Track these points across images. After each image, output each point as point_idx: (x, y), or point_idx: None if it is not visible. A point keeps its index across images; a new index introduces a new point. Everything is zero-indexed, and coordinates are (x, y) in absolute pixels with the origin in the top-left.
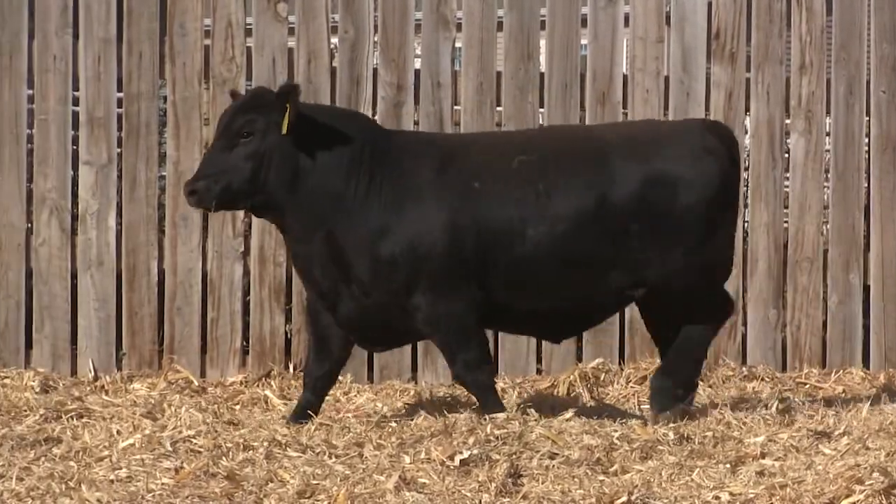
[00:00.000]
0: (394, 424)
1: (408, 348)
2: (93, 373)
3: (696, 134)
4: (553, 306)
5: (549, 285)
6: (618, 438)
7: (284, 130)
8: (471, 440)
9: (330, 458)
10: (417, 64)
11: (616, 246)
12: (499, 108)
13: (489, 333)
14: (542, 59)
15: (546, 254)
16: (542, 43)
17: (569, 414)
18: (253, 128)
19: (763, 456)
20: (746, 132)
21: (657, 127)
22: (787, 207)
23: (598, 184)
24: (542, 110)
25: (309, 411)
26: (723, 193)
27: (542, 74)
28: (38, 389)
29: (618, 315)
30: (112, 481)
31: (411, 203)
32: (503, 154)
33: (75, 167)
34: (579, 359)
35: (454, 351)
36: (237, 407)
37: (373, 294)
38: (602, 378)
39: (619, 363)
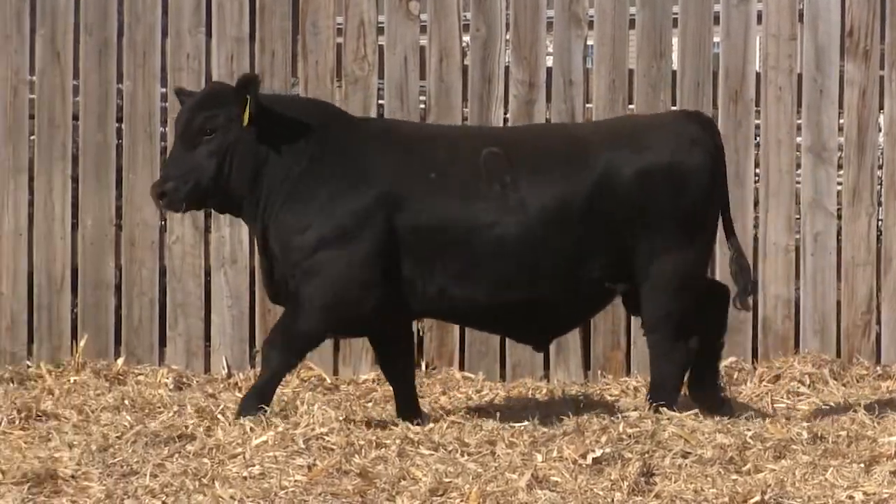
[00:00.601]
0: (525, 422)
1: None
2: (226, 370)
3: (680, 124)
4: (511, 301)
5: (506, 279)
6: (751, 437)
7: (245, 122)
8: (603, 439)
9: (462, 455)
10: (549, 62)
11: (592, 239)
12: (631, 106)
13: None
14: (675, 56)
15: (504, 248)
16: (675, 40)
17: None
18: (215, 124)
19: None
20: (880, 130)
21: (639, 120)
22: None
23: (566, 177)
24: (674, 108)
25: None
26: (709, 186)
27: (674, 72)
28: (171, 386)
29: (751, 314)
30: (245, 478)
31: (337, 186)
32: (471, 146)
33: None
34: None
35: (291, 319)
36: (370, 404)
37: (285, 271)
38: (735, 377)
39: (753, 362)
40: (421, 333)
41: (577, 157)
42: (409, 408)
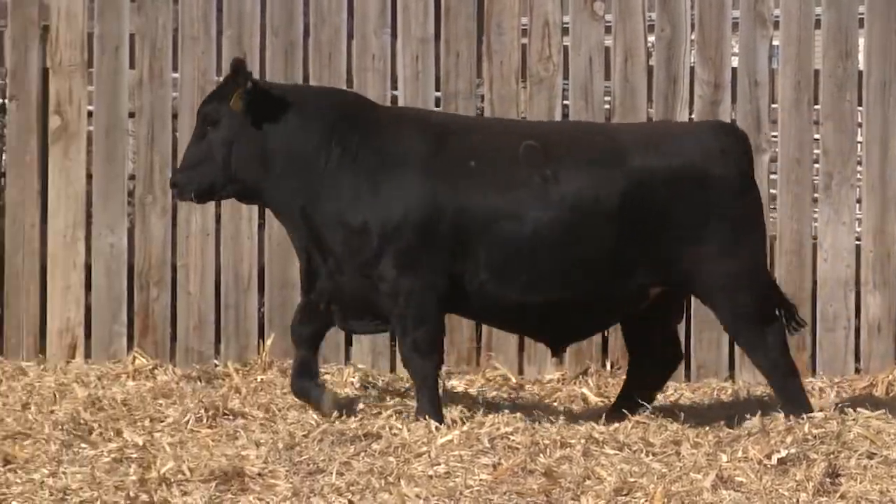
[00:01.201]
0: (710, 423)
1: (726, 348)
2: None
3: (711, 134)
4: (545, 300)
5: (541, 276)
6: None
7: (235, 106)
8: (788, 439)
9: (647, 455)
10: (734, 62)
11: (626, 243)
12: (816, 107)
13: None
14: (861, 56)
15: (541, 243)
16: (861, 41)
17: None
18: (217, 115)
19: None
20: None
21: (671, 127)
22: None
23: (606, 176)
24: (860, 108)
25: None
26: (744, 191)
27: (860, 72)
28: (357, 385)
29: None
30: (430, 477)
31: (385, 175)
32: (508, 138)
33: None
34: None
35: (407, 330)
36: (554, 404)
37: (345, 268)
38: None
39: None
40: (605, 334)
41: (610, 158)
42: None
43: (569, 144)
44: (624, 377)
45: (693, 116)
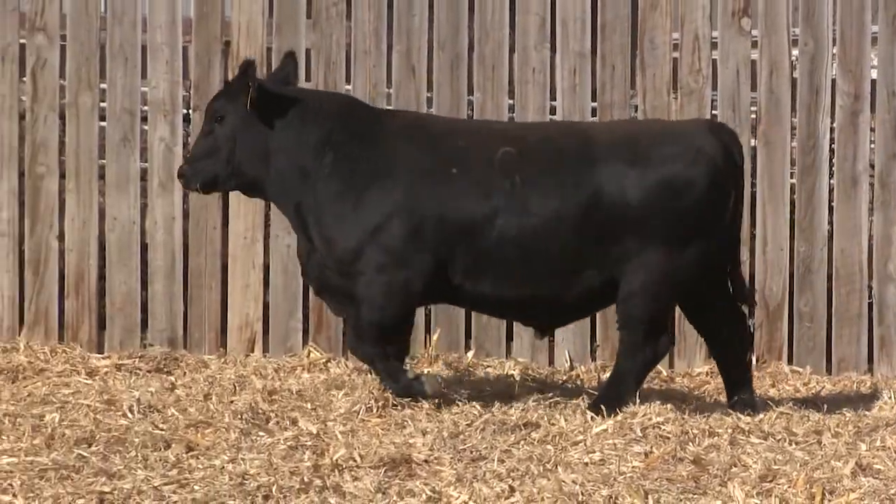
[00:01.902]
0: (850, 414)
1: (865, 343)
2: (568, 363)
3: (692, 135)
4: (523, 294)
5: (517, 275)
6: None
7: (247, 106)
8: None
9: (790, 444)
10: (873, 74)
11: (595, 242)
12: None
13: None
14: None
15: (514, 244)
16: None
17: None
18: (224, 111)
19: None
20: None
21: (653, 126)
22: None
23: (577, 179)
24: None
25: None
26: (708, 197)
27: None
28: (517, 378)
29: None
30: (586, 464)
31: (371, 181)
32: (488, 144)
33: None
34: None
35: (361, 318)
36: (703, 396)
37: (329, 264)
38: None
39: None
40: (752, 329)
41: (583, 160)
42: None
43: (545, 148)
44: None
45: (834, 125)
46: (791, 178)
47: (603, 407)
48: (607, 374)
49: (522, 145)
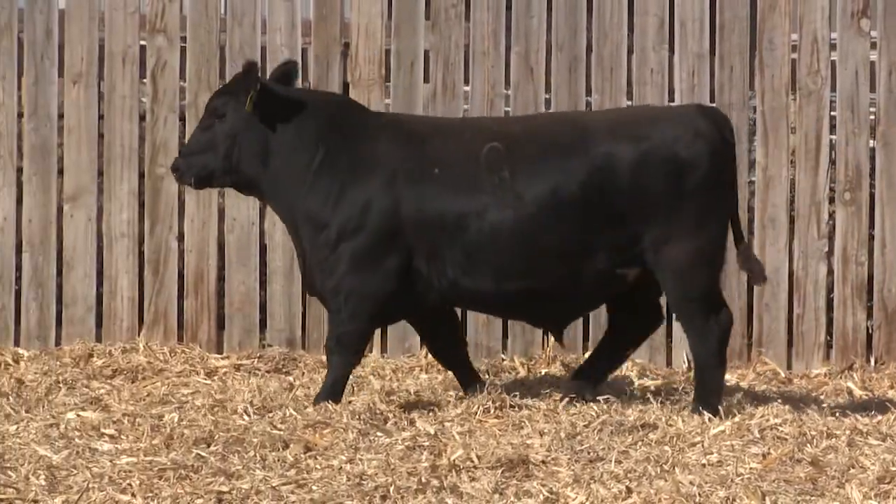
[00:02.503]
0: None
1: None
2: (686, 363)
3: (688, 117)
4: (520, 289)
5: (512, 269)
6: None
7: (247, 108)
8: None
9: None
10: None
11: (598, 228)
12: None
13: None
14: None
15: (508, 238)
16: None
17: None
18: (225, 109)
19: None
20: None
21: (648, 110)
22: None
23: (575, 168)
24: None
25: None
26: (713, 176)
27: None
28: (635, 379)
29: None
30: (704, 465)
31: (354, 178)
32: (473, 140)
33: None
34: None
35: (338, 325)
36: (821, 397)
37: (313, 262)
38: None
39: None
40: (870, 331)
41: (579, 147)
42: (470, 379)
43: (537, 138)
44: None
45: None
46: None
47: (704, 407)
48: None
49: (511, 137)
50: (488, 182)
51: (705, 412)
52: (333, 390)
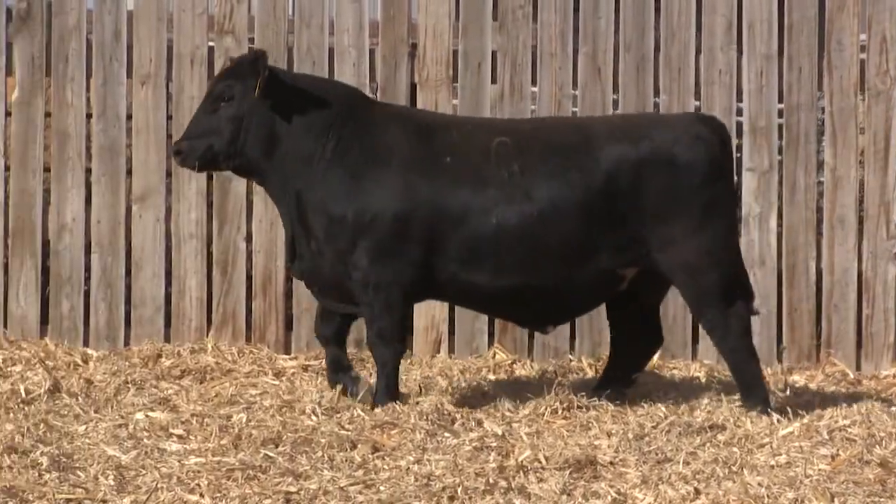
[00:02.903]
0: None
1: None
2: None
3: (687, 123)
4: (519, 286)
5: (515, 265)
6: None
7: (256, 94)
8: None
9: None
10: None
11: (599, 228)
12: None
13: None
14: None
15: (513, 234)
16: None
17: None
18: (232, 93)
19: None
20: None
21: (649, 116)
22: None
23: (575, 167)
24: None
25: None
26: (714, 177)
27: None
28: (703, 380)
29: None
30: (772, 467)
31: (370, 169)
32: (484, 135)
33: (738, 173)
34: None
35: (374, 318)
36: (890, 398)
37: (325, 253)
38: None
39: None
40: None
41: (580, 148)
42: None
43: (540, 140)
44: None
45: None
46: None
47: (751, 399)
48: (793, 376)
49: (519, 135)
50: (496, 177)
51: (758, 407)
52: (388, 385)
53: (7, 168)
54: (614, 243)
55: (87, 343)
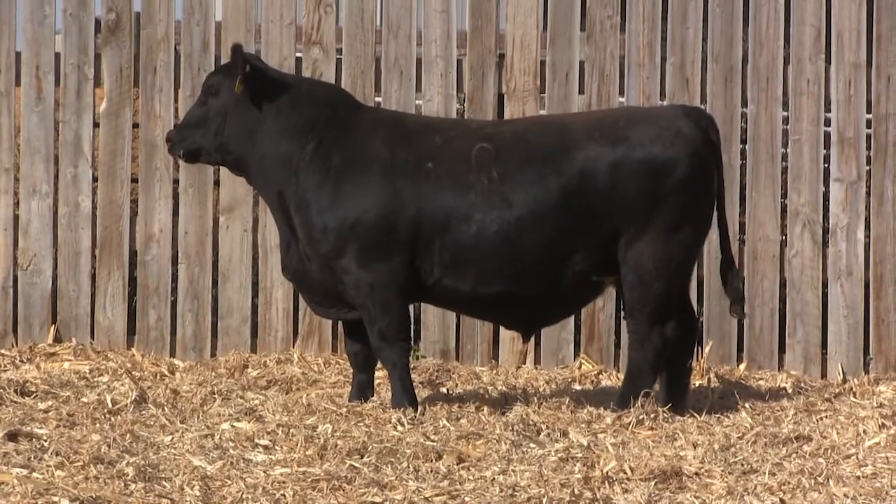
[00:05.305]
0: None
1: None
2: (841, 376)
3: (669, 118)
4: (502, 291)
5: (497, 269)
6: None
7: (236, 89)
8: None
9: None
10: None
11: (577, 230)
12: None
13: None
14: None
15: (493, 238)
16: None
17: None
18: (218, 87)
19: None
20: None
21: (629, 112)
22: None
23: (557, 171)
24: None
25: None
26: (692, 178)
27: None
28: (790, 391)
29: None
30: (858, 478)
31: (352, 172)
32: (465, 139)
33: (826, 183)
34: None
35: (373, 321)
36: None
37: (312, 257)
38: None
39: None
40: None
41: (562, 150)
42: (367, 392)
43: (521, 141)
44: None
45: None
46: None
47: (623, 401)
48: (880, 387)
49: (498, 141)
50: (477, 182)
51: (620, 407)
52: (404, 386)
53: (95, 179)
54: (593, 245)
55: (173, 353)
